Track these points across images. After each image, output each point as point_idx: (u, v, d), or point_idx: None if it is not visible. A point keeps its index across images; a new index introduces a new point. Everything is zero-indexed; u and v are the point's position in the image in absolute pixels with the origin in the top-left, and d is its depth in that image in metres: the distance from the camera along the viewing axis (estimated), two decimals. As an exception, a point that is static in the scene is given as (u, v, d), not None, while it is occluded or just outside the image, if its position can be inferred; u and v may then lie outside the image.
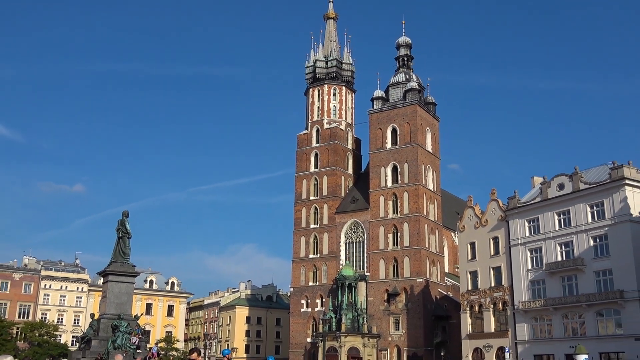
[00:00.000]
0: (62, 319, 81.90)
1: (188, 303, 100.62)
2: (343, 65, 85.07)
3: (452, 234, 73.47)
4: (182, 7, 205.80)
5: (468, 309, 55.89)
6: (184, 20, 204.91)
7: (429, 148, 75.56)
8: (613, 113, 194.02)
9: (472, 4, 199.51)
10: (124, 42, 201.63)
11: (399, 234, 71.29)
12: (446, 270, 74.49)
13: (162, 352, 62.49)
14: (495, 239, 54.26)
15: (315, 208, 78.90)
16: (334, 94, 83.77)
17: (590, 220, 46.15)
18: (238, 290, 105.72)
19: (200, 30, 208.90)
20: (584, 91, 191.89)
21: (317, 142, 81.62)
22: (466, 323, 55.95)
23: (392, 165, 73.76)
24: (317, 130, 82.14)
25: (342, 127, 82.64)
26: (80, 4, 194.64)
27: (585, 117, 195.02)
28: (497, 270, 53.62)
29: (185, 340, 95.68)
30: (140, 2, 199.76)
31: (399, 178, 72.83)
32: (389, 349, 68.02)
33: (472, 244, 56.72)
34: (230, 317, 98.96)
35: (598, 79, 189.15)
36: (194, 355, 10.45)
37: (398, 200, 72.22)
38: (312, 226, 78.50)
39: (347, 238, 76.29)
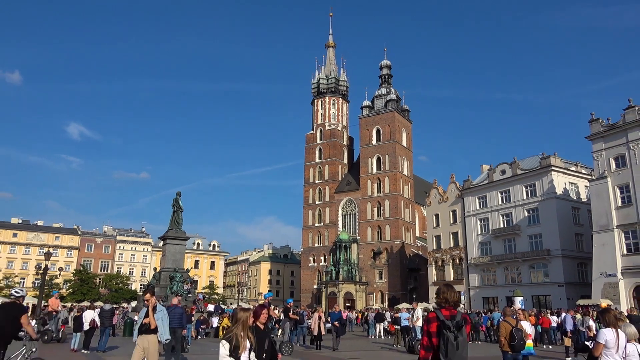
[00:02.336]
0: (132, 271, 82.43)
1: (225, 259, 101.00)
2: (340, 82, 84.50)
3: (422, 208, 73.28)
4: (221, 40, 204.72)
5: (433, 263, 55.95)
6: (220, 50, 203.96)
7: (404, 144, 75.14)
8: (543, 116, 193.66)
9: (438, 37, 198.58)
10: (178, 65, 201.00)
11: (382, 208, 71.17)
12: (417, 235, 74.45)
13: (207, 296, 62.74)
14: (454, 212, 54.13)
15: (320, 189, 78.74)
16: (333, 104, 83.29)
17: (525, 197, 45.95)
18: (262, 250, 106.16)
19: (232, 57, 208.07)
20: (521, 100, 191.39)
21: (321, 139, 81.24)
22: (432, 274, 56.03)
23: (376, 157, 73.42)
24: (321, 131, 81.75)
25: (339, 128, 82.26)
26: (144, 37, 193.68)
27: (521, 119, 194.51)
28: (455, 235, 53.56)
29: (223, 287, 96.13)
30: (189, 37, 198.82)
31: (382, 166, 72.54)
32: (374, 293, 68.27)
33: (437, 215, 56.62)
34: (257, 270, 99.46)
35: (532, 91, 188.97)
36: (147, 295, 8.33)
37: (381, 183, 72.00)
38: (317, 202, 78.39)
39: (344, 211, 76.20)
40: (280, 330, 17.48)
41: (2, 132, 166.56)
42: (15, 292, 7.99)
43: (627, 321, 7.10)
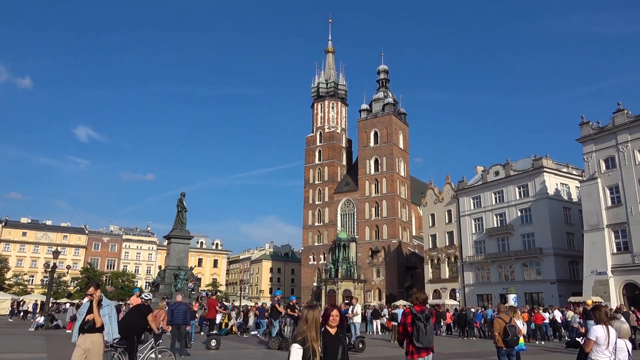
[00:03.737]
0: (138, 269, 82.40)
1: (228, 258, 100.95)
2: (339, 86, 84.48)
3: (418, 207, 73.24)
4: (225, 47, 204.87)
5: (429, 261, 55.90)
6: (224, 56, 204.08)
7: (401, 146, 75.12)
8: (535, 119, 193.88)
9: (433, 43, 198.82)
10: (183, 70, 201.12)
11: (379, 208, 71.12)
12: (413, 234, 74.39)
13: (210, 293, 62.71)
14: (449, 211, 54.12)
15: (319, 190, 78.67)
16: (332, 107, 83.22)
17: (518, 197, 45.94)
18: (264, 249, 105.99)
19: (236, 63, 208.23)
20: (513, 104, 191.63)
21: (320, 141, 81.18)
22: (428, 272, 56.00)
23: (374, 158, 73.38)
24: (320, 133, 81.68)
25: (338, 131, 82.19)
26: (149, 46, 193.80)
27: (514, 122, 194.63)
28: (450, 234, 53.55)
29: (226, 285, 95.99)
30: (193, 44, 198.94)
31: (379, 168, 72.48)
32: (372, 290, 68.20)
33: (432, 215, 56.60)
34: (258, 268, 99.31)
35: (524, 95, 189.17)
36: (91, 289, 6.77)
37: (379, 184, 71.96)
38: (317, 202, 78.31)
39: (342, 211, 76.12)
40: (286, 327, 17.11)
41: (13, 135, 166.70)
42: (145, 295, 9.98)
43: (622, 318, 7.10)
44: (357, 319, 17.24)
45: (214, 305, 19.76)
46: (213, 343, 15.50)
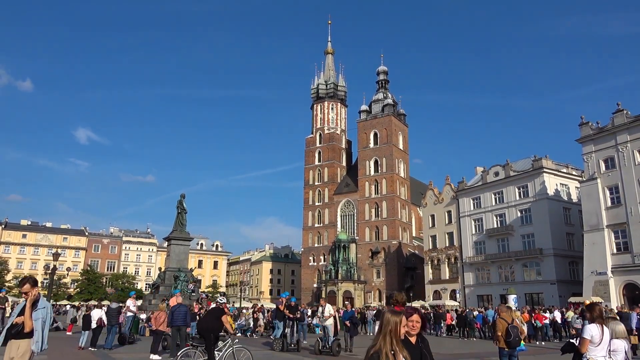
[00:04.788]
0: (138, 271, 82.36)
1: (228, 259, 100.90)
2: (338, 87, 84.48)
3: (418, 208, 73.23)
4: (225, 48, 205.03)
5: (429, 262, 55.89)
6: (223, 58, 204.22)
7: (401, 147, 75.14)
8: (535, 119, 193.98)
9: (433, 44, 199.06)
10: (183, 72, 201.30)
11: (379, 209, 71.11)
12: (413, 235, 74.36)
13: (210, 295, 62.70)
14: (449, 212, 54.13)
15: (319, 191, 78.67)
16: (332, 108, 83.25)
17: (518, 198, 45.94)
18: (264, 250, 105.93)
19: (236, 64, 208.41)
20: (513, 104, 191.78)
21: (320, 142, 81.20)
22: (428, 272, 55.98)
23: (374, 159, 73.37)
24: (320, 134, 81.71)
25: (338, 132, 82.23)
26: (149, 49, 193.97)
27: (514, 123, 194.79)
28: (450, 235, 53.55)
29: (226, 286, 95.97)
30: (193, 46, 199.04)
31: (379, 168, 72.48)
32: (372, 291, 68.15)
33: (432, 216, 56.61)
34: (258, 269, 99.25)
35: (524, 96, 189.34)
36: (26, 287, 5.51)
37: (378, 185, 71.95)
38: (317, 204, 78.29)
39: (342, 212, 76.10)
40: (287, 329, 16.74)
41: (13, 137, 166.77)
42: (219, 299, 11.79)
43: (618, 319, 7.10)
44: (329, 322, 15.96)
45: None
46: (219, 344, 15.50)
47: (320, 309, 16.62)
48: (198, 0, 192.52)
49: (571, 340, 6.07)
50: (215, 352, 9.61)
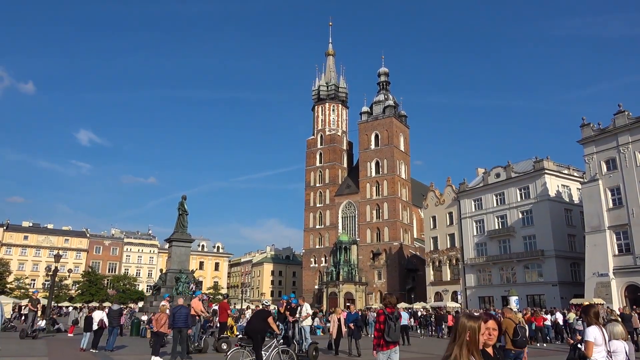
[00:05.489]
0: (139, 273, 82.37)
1: (229, 261, 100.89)
2: (339, 89, 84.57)
3: (419, 210, 73.21)
4: (226, 51, 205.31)
5: (431, 264, 55.84)
6: (224, 60, 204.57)
7: (402, 148, 75.14)
8: (536, 121, 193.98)
9: (434, 45, 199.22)
10: (185, 75, 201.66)
11: (380, 210, 71.08)
12: (415, 236, 74.32)
13: (211, 296, 62.72)
14: (450, 214, 54.10)
15: (320, 192, 78.68)
16: (333, 110, 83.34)
17: (519, 199, 45.90)
18: (265, 252, 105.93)
19: (237, 66, 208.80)
20: (514, 106, 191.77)
21: (321, 144, 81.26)
22: (429, 274, 55.93)
23: (375, 161, 73.38)
24: (321, 136, 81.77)
25: (339, 133, 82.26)
26: (152, 51, 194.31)
27: (515, 124, 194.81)
28: (452, 236, 53.50)
29: (227, 288, 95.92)
30: (195, 49, 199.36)
31: (380, 170, 72.48)
32: (373, 293, 68.06)
33: (434, 217, 56.58)
34: (259, 270, 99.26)
35: (525, 97, 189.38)
36: None
37: (380, 186, 71.93)
38: (318, 205, 78.29)
39: (343, 213, 76.09)
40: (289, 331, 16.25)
41: (15, 139, 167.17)
42: (265, 302, 12.79)
43: (620, 320, 7.07)
44: (307, 322, 15.03)
45: (226, 309, 19.44)
46: (224, 346, 15.51)
47: (299, 308, 15.54)
48: (200, 2, 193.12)
49: (579, 345, 6.02)
50: (262, 352, 10.08)
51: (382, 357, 7.42)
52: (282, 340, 11.33)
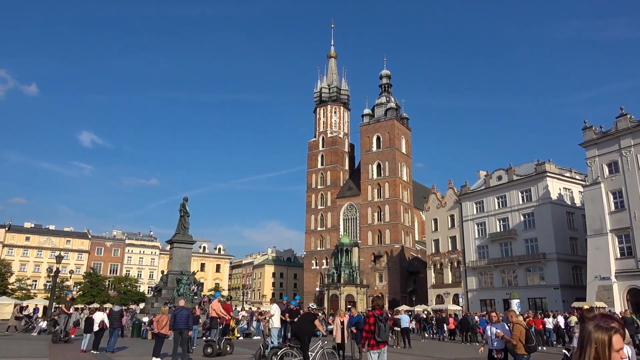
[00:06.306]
0: (140, 274, 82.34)
1: (230, 262, 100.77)
2: (341, 91, 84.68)
3: (421, 212, 73.10)
4: (228, 53, 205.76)
5: (432, 266, 55.74)
6: (227, 63, 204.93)
7: (404, 150, 75.11)
8: (538, 123, 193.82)
9: (436, 48, 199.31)
10: (187, 77, 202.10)
11: (382, 212, 71.02)
12: (416, 238, 74.20)
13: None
14: (452, 216, 53.99)
15: (322, 194, 78.67)
16: (335, 112, 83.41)
17: (521, 202, 45.81)
18: (266, 253, 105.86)
19: (238, 69, 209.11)
20: (516, 108, 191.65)
21: (323, 146, 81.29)
22: (431, 277, 55.82)
23: (377, 163, 73.36)
24: (323, 138, 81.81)
25: (341, 135, 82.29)
26: (155, 54, 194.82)
27: (517, 127, 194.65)
28: (453, 239, 53.38)
29: (228, 290, 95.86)
30: (197, 51, 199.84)
31: (382, 172, 72.44)
32: (375, 295, 67.95)
33: (435, 220, 56.49)
34: (261, 272, 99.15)
35: (527, 100, 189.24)
36: None
37: (381, 188, 71.90)
38: (319, 207, 78.29)
39: (345, 216, 76.06)
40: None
41: (17, 141, 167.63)
42: (311, 305, 13.96)
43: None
44: (276, 323, 14.18)
45: (229, 310, 19.45)
46: (227, 348, 15.48)
47: (267, 308, 14.87)
48: (202, 4, 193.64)
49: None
50: (309, 352, 10.82)
51: (373, 356, 8.04)
52: (326, 342, 12.18)
